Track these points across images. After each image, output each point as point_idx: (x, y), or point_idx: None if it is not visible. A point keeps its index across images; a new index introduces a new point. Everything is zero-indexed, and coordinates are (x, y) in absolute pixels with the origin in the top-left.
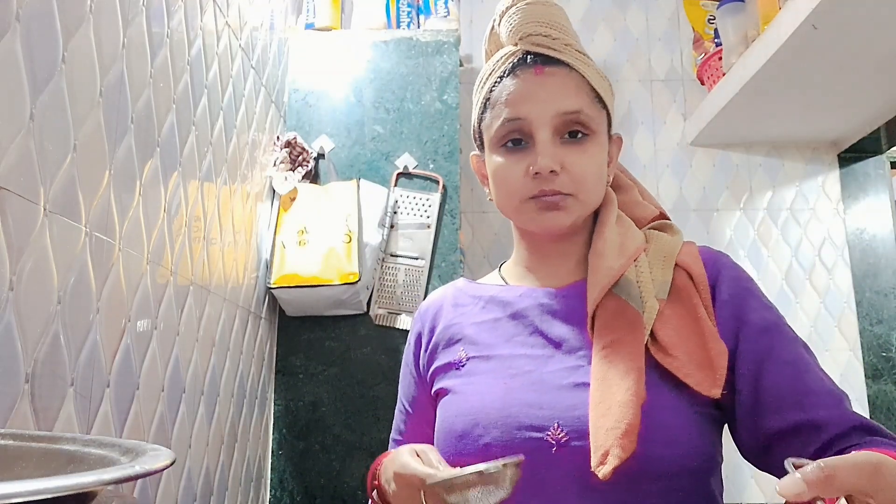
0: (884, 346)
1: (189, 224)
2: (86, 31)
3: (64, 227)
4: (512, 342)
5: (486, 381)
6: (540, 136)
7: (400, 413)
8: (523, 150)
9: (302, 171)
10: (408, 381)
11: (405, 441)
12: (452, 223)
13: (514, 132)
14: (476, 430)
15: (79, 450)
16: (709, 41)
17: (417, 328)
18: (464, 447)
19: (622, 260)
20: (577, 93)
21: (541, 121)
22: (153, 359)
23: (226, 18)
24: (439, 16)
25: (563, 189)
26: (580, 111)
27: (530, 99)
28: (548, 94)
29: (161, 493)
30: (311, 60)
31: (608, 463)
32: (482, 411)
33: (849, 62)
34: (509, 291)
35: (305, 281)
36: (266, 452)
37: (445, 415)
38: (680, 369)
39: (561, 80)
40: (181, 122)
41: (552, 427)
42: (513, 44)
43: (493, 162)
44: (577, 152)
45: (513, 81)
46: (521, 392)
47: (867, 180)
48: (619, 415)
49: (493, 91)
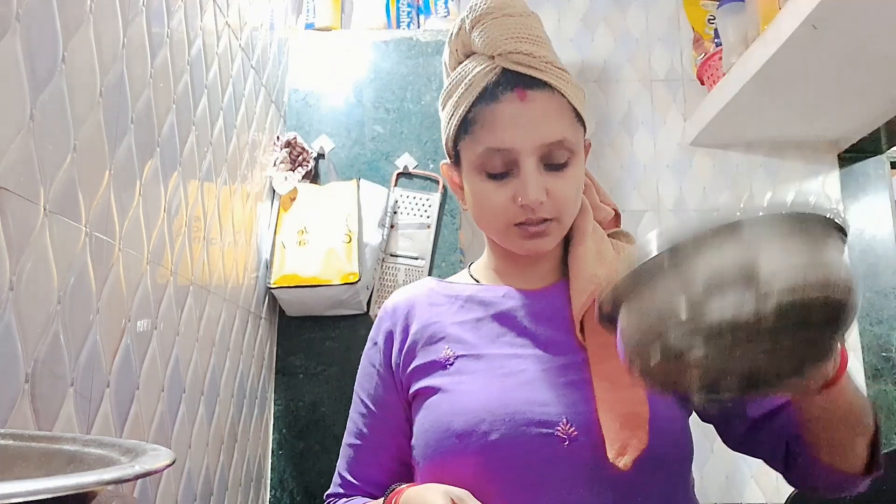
0: (884, 346)
1: (189, 224)
2: (86, 31)
3: (64, 227)
4: (499, 342)
5: (479, 380)
6: (526, 166)
7: (360, 416)
8: (507, 177)
9: (302, 171)
10: (372, 382)
11: (369, 446)
12: (452, 223)
13: (498, 161)
14: (481, 426)
15: (79, 450)
16: (709, 41)
17: (387, 326)
18: (466, 446)
19: (602, 268)
20: (560, 118)
21: (526, 150)
22: (153, 359)
23: (226, 18)
24: (439, 16)
25: (547, 215)
26: (563, 140)
27: (513, 126)
28: (532, 123)
29: (161, 493)
30: (311, 60)
31: (628, 454)
32: (485, 409)
33: (849, 62)
34: (489, 291)
35: (305, 281)
36: (266, 452)
37: (437, 413)
38: None
39: (543, 106)
40: (181, 122)
41: (561, 423)
42: (489, 56)
43: (474, 184)
44: (560, 178)
45: (494, 105)
46: (519, 390)
47: (867, 180)
48: (631, 408)
49: (470, 112)
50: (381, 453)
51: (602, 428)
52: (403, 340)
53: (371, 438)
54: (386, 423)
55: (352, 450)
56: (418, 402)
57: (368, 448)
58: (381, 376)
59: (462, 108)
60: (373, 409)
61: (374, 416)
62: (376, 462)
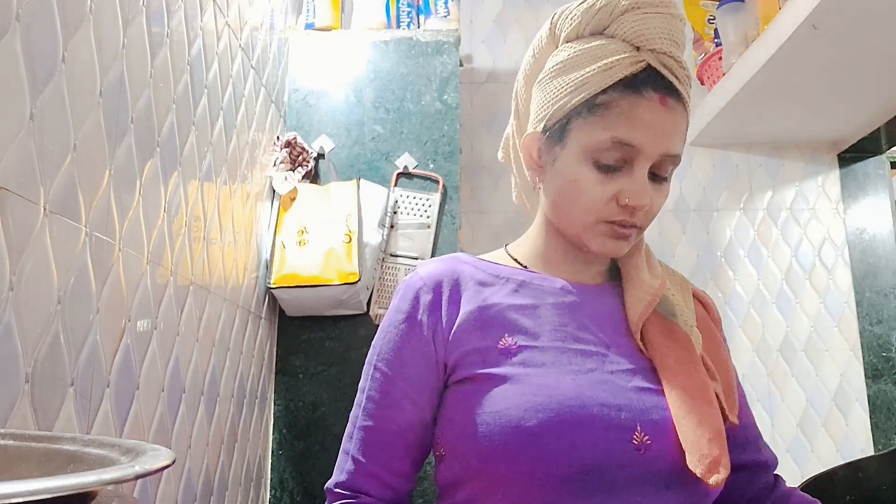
0: (884, 346)
1: (189, 224)
2: (86, 31)
3: (64, 227)
4: (561, 333)
5: (551, 375)
6: (641, 169)
7: (380, 394)
8: (617, 172)
9: (302, 171)
10: (405, 358)
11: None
12: (452, 223)
13: (615, 154)
14: (559, 428)
15: (79, 450)
16: (709, 41)
17: (429, 299)
18: (539, 443)
19: (656, 280)
20: (682, 136)
21: (649, 155)
22: (153, 359)
23: (226, 18)
24: (439, 16)
25: (639, 223)
26: (679, 156)
27: (649, 129)
28: (665, 132)
29: (161, 493)
30: (311, 60)
31: (721, 472)
32: (561, 406)
33: (849, 62)
34: (544, 281)
35: (305, 281)
36: (266, 452)
37: (502, 405)
38: (721, 393)
39: (676, 120)
40: (181, 122)
41: (636, 430)
42: (633, 46)
43: (576, 168)
44: (659, 191)
45: (635, 99)
46: (593, 390)
47: (867, 180)
48: (714, 427)
49: (603, 95)
50: (408, 435)
51: (684, 440)
52: (453, 317)
53: (393, 420)
54: (415, 404)
55: (364, 432)
56: (468, 388)
57: (389, 430)
58: (421, 354)
59: (593, 86)
60: (402, 387)
61: (402, 394)
62: (403, 444)
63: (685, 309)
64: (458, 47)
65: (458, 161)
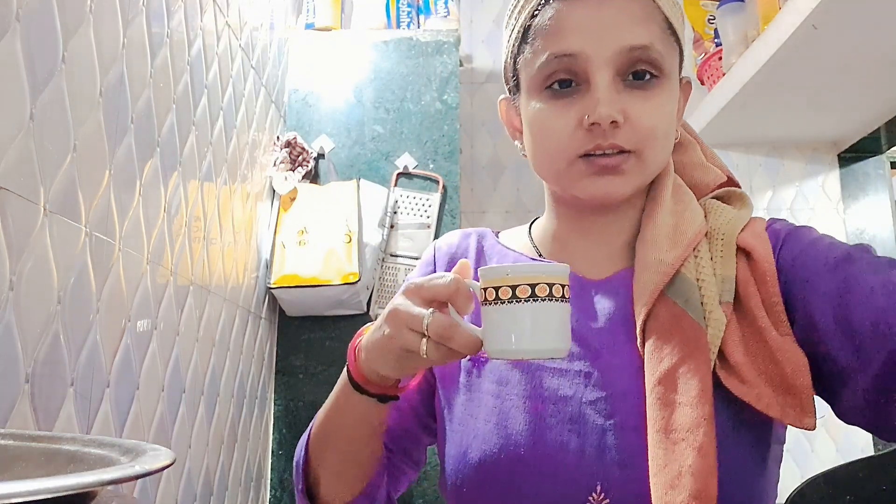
0: None
1: (189, 224)
2: (86, 31)
3: (64, 227)
4: None
5: (511, 400)
6: (598, 78)
7: None
8: (574, 94)
9: (302, 171)
10: None
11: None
12: (452, 223)
13: (563, 71)
14: (496, 471)
15: (79, 450)
16: (709, 41)
17: None
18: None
19: (677, 250)
20: (647, 22)
21: (600, 58)
22: (153, 359)
23: (226, 18)
24: (439, 16)
25: (624, 145)
26: (649, 46)
27: (586, 29)
28: (609, 24)
29: (161, 493)
30: (311, 60)
31: None
32: (511, 442)
33: (849, 62)
34: None
35: (305, 281)
36: (266, 452)
37: (460, 431)
38: (759, 400)
39: (626, 6)
40: (181, 122)
41: (594, 490)
42: None
43: (532, 109)
44: (643, 99)
45: (563, 6)
46: (556, 430)
47: (867, 180)
48: (693, 488)
49: (534, 17)
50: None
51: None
52: None
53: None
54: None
55: None
56: (441, 395)
57: None
58: None
59: (524, 15)
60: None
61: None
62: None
63: (713, 282)
64: (458, 47)
65: (458, 161)
